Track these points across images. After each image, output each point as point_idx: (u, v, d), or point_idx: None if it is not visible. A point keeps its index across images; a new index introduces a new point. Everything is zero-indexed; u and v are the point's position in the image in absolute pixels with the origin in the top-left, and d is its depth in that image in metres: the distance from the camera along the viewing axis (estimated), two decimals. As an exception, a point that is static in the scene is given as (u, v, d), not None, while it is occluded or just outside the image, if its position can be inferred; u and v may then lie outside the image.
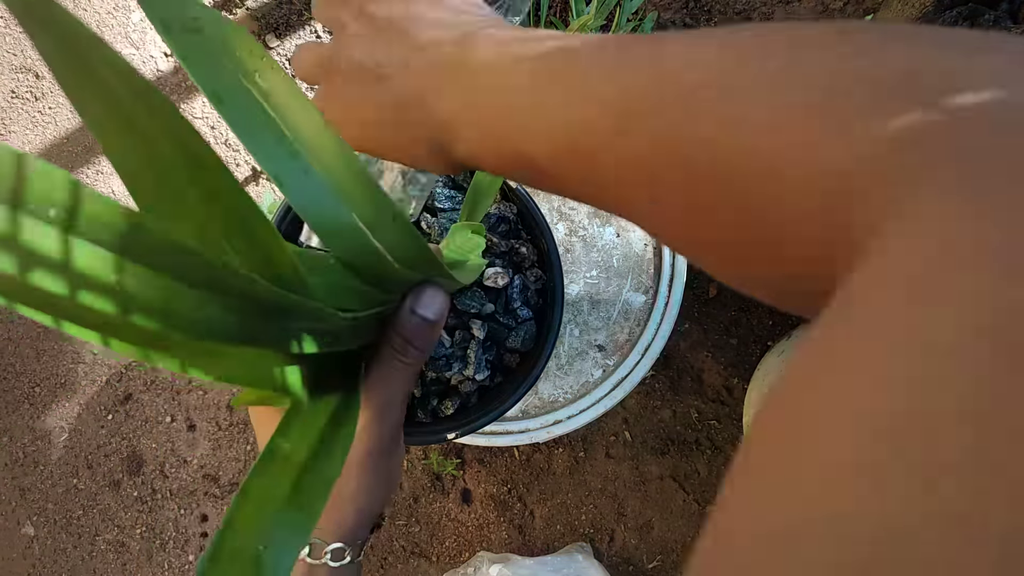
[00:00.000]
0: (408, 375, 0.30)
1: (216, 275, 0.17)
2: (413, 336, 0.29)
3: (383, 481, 0.32)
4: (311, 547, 0.31)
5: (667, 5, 1.16)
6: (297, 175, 0.22)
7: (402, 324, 0.29)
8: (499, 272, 0.57)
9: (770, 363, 1.04)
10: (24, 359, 1.23)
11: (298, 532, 0.22)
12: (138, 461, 1.19)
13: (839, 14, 1.14)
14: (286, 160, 0.21)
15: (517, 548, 1.14)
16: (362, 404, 0.29)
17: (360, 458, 0.30)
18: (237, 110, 0.21)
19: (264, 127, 0.21)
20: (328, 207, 0.22)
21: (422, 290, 0.30)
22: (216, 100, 0.20)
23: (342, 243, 0.23)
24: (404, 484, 1.16)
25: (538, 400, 0.72)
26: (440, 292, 0.30)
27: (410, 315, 0.29)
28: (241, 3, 1.20)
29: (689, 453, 1.14)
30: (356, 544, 0.32)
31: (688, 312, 1.15)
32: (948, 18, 0.55)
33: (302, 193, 0.22)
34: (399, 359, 0.29)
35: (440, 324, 0.30)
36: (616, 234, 0.74)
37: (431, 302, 0.29)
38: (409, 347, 0.29)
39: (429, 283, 0.30)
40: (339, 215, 0.23)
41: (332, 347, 0.24)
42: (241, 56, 0.21)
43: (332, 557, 0.31)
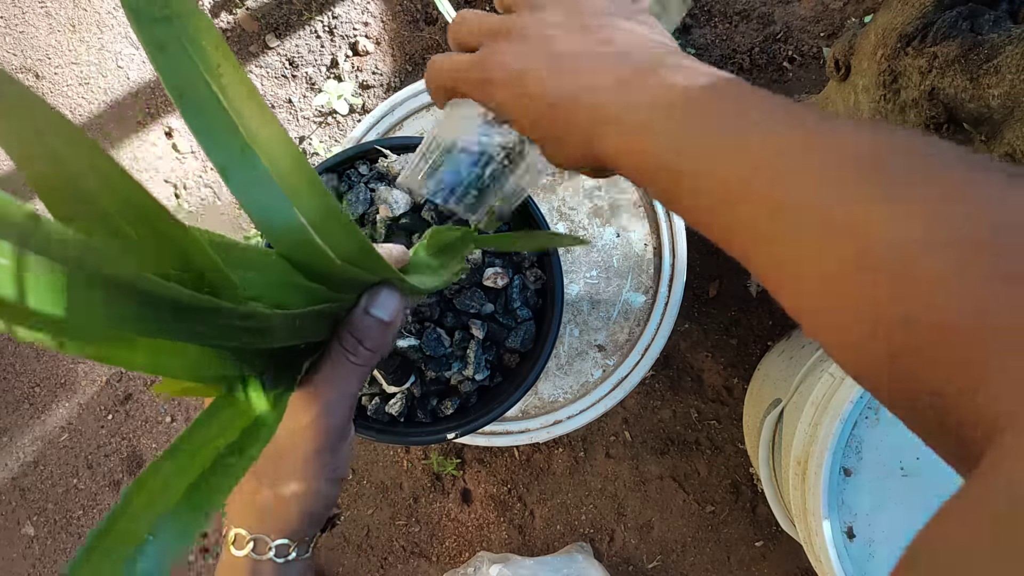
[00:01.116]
0: (358, 374, 0.30)
1: (121, 273, 0.17)
2: (364, 336, 0.29)
3: (330, 479, 0.31)
4: (255, 543, 0.31)
5: (667, 5, 1.16)
6: (245, 169, 0.22)
7: (354, 323, 0.29)
8: (499, 272, 0.57)
9: (770, 363, 1.04)
10: (24, 359, 1.23)
11: (184, 534, 0.21)
12: (138, 461, 1.19)
13: (839, 14, 1.14)
14: (235, 153, 0.22)
15: (517, 548, 1.14)
16: (309, 401, 0.29)
17: (306, 455, 0.30)
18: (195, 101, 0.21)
19: (218, 119, 0.21)
20: (272, 203, 0.23)
21: (377, 290, 0.30)
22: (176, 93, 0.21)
23: (284, 239, 0.24)
24: (404, 484, 1.16)
25: (538, 400, 0.72)
26: (395, 293, 0.30)
27: (363, 315, 0.29)
28: (241, 3, 1.20)
29: (689, 453, 1.14)
30: (303, 541, 0.32)
31: (688, 312, 1.15)
32: (948, 18, 0.54)
33: (247, 187, 0.22)
34: (349, 358, 0.29)
35: (394, 325, 0.30)
36: (616, 234, 0.74)
37: (385, 303, 0.30)
38: (360, 346, 0.29)
39: (386, 284, 0.30)
40: (282, 211, 0.23)
41: (261, 344, 0.24)
42: (207, 49, 0.21)
43: (276, 553, 0.31)
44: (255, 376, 0.27)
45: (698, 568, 1.13)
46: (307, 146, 1.21)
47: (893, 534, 0.64)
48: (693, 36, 1.17)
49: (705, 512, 1.13)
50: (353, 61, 1.20)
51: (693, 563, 1.13)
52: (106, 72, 1.23)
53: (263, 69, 1.21)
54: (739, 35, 1.16)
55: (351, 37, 1.20)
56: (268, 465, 0.31)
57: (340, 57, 1.20)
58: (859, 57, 0.65)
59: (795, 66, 1.16)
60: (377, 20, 1.20)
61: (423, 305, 0.57)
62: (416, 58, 1.20)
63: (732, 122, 0.24)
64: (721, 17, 1.17)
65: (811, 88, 1.15)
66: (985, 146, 0.54)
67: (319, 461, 0.30)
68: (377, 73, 1.20)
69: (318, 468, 0.31)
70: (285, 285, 0.25)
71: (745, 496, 1.13)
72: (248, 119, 0.22)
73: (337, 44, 1.20)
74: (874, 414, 0.65)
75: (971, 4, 0.55)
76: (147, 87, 1.23)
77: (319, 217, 0.24)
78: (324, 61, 1.21)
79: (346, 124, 1.21)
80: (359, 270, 0.27)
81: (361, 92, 1.20)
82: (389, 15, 1.20)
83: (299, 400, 0.30)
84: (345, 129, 1.21)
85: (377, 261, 0.28)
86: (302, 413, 0.30)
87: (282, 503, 0.31)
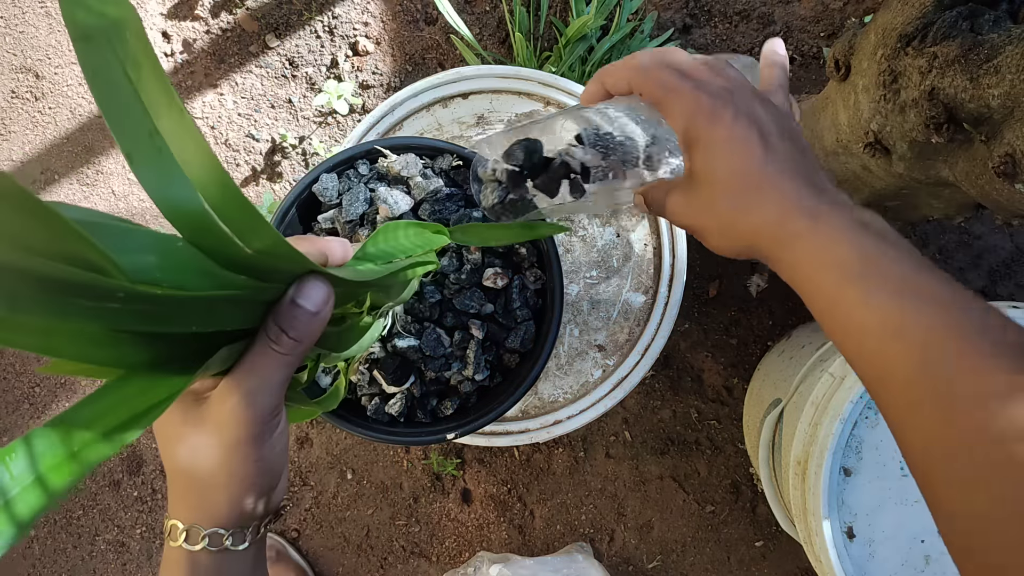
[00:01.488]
0: (281, 363, 0.30)
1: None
2: (288, 324, 0.29)
3: (259, 470, 0.31)
4: (187, 533, 0.31)
5: (667, 5, 1.16)
6: (151, 154, 0.22)
7: (279, 312, 0.29)
8: (499, 272, 0.57)
9: (770, 363, 1.04)
10: (24, 359, 1.23)
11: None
12: (138, 461, 1.19)
13: (839, 14, 1.14)
14: (143, 139, 0.22)
15: (517, 548, 1.14)
16: (230, 390, 0.29)
17: (228, 444, 0.30)
18: (109, 87, 0.22)
19: (128, 105, 0.22)
20: (177, 190, 0.23)
21: (304, 280, 0.30)
22: (90, 73, 0.21)
23: (189, 225, 0.24)
24: (404, 484, 1.16)
25: (538, 400, 0.72)
26: (323, 284, 0.30)
27: (289, 304, 0.29)
28: (241, 3, 1.20)
29: (689, 453, 1.14)
30: (239, 530, 0.32)
31: (688, 312, 1.15)
32: (948, 18, 0.54)
33: (152, 171, 0.23)
34: (272, 346, 0.29)
35: (321, 316, 0.30)
36: (616, 234, 0.74)
37: (310, 292, 0.30)
38: (283, 335, 0.29)
39: (314, 274, 0.30)
40: (187, 198, 0.23)
41: (166, 327, 0.24)
42: (129, 40, 0.22)
43: (210, 543, 0.31)
44: (166, 362, 0.26)
45: (698, 568, 1.13)
46: (307, 146, 1.21)
47: (893, 534, 0.64)
48: (693, 36, 1.17)
49: (705, 512, 1.13)
50: (353, 61, 1.20)
51: (693, 563, 1.13)
52: (106, 72, 1.23)
53: (263, 69, 1.21)
54: (739, 35, 1.16)
55: (351, 37, 1.20)
56: (197, 456, 0.31)
57: (340, 57, 1.20)
58: (859, 57, 0.64)
59: (795, 66, 1.16)
60: (377, 20, 1.20)
61: (423, 305, 0.57)
62: (416, 58, 1.20)
63: (906, 290, 0.29)
64: (721, 17, 1.16)
65: (811, 88, 1.15)
66: (985, 146, 0.54)
67: (242, 451, 0.30)
68: (377, 73, 1.20)
69: (242, 457, 0.30)
70: (193, 271, 0.25)
71: (745, 496, 1.13)
72: (159, 107, 0.22)
73: (337, 44, 1.20)
74: (874, 414, 0.65)
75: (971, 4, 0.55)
76: (147, 87, 1.23)
77: (224, 206, 0.24)
78: (324, 61, 1.21)
79: (346, 124, 1.21)
80: (277, 260, 0.27)
81: (361, 92, 1.20)
82: (389, 15, 1.20)
83: (222, 388, 0.30)
84: (345, 129, 1.21)
85: (291, 253, 0.28)
86: (223, 401, 0.30)
87: (210, 492, 0.31)
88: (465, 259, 0.58)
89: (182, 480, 0.31)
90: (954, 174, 0.60)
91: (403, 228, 0.42)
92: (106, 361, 0.24)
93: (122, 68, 0.22)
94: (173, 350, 0.27)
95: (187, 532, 0.31)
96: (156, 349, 0.26)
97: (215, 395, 0.30)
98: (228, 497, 0.31)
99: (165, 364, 0.26)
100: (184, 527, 0.31)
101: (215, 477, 0.31)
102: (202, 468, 0.30)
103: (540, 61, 1.11)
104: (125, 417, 0.24)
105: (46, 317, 0.20)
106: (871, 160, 0.68)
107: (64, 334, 0.22)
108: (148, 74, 0.22)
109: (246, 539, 0.32)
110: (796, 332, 1.08)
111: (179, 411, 0.31)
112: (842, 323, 0.30)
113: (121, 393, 0.25)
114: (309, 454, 1.17)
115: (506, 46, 1.18)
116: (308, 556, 1.16)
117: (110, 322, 0.22)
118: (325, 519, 1.16)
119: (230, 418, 0.30)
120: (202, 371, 0.27)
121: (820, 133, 0.78)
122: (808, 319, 1.13)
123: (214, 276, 0.25)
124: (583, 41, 1.04)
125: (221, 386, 0.30)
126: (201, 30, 1.21)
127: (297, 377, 0.42)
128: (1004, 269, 1.12)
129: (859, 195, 0.80)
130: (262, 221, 0.25)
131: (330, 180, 0.59)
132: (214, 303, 0.26)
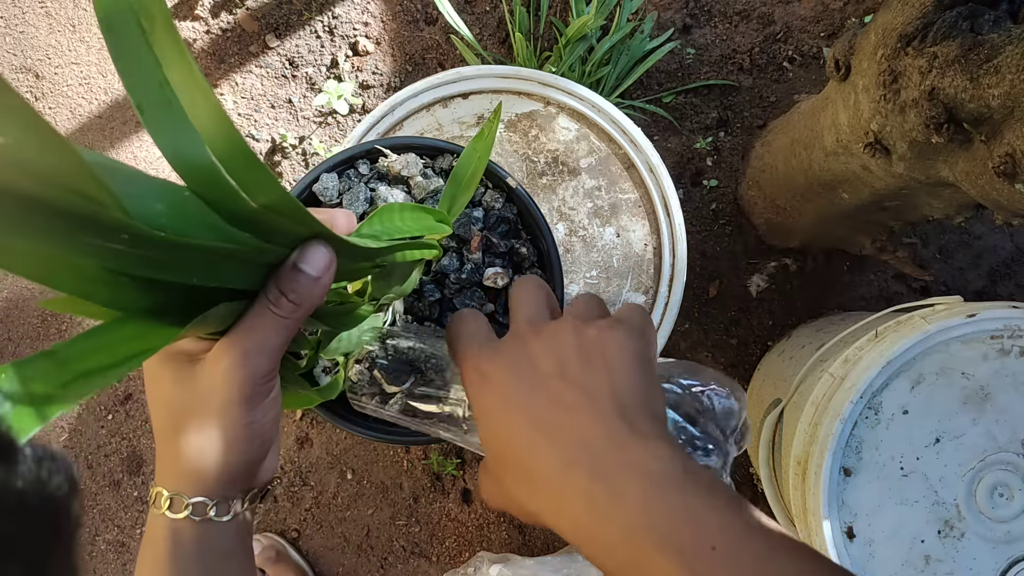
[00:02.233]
0: (280, 326, 0.30)
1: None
2: (288, 288, 0.29)
3: (249, 434, 0.31)
4: (171, 501, 0.31)
5: (667, 5, 1.16)
6: (161, 105, 0.23)
7: (280, 275, 0.29)
8: (499, 272, 0.57)
9: (770, 363, 1.04)
10: (24, 359, 1.23)
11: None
12: (138, 461, 1.19)
13: (839, 14, 1.14)
14: (154, 90, 0.23)
15: (517, 548, 1.14)
16: (226, 349, 0.29)
17: (220, 405, 0.30)
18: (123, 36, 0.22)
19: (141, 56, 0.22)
20: (184, 140, 0.23)
21: (307, 244, 0.30)
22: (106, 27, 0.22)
23: (195, 176, 0.24)
24: (404, 484, 1.16)
25: (538, 400, 0.72)
26: (325, 248, 0.30)
27: (290, 267, 0.29)
28: (241, 3, 1.20)
29: (689, 453, 1.14)
30: (224, 500, 0.31)
31: (688, 312, 1.15)
32: (948, 18, 0.54)
33: (161, 122, 0.23)
34: (271, 308, 0.29)
35: (323, 281, 0.30)
36: (616, 234, 0.74)
37: (312, 257, 0.30)
38: (283, 298, 0.29)
39: (317, 238, 0.30)
40: (194, 148, 0.24)
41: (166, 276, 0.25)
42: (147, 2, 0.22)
43: (193, 511, 0.30)
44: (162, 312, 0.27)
45: (698, 568, 1.13)
46: (307, 146, 1.21)
47: (893, 534, 0.64)
48: (693, 36, 1.17)
49: (705, 512, 1.13)
50: (353, 61, 1.20)
51: (693, 563, 1.13)
52: (106, 72, 1.23)
53: (263, 69, 1.21)
54: (739, 35, 1.16)
55: (351, 37, 1.20)
56: (186, 417, 0.30)
57: (340, 57, 1.20)
58: (859, 57, 0.65)
59: (795, 66, 1.16)
60: (377, 20, 1.20)
61: (422, 304, 0.57)
62: (416, 58, 1.20)
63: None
64: (721, 17, 1.17)
65: (811, 88, 1.15)
66: (985, 146, 0.55)
67: (233, 412, 0.30)
68: (377, 73, 1.20)
69: (232, 419, 0.30)
70: (199, 223, 0.25)
71: (745, 496, 1.13)
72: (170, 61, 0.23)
73: (337, 44, 1.20)
74: (874, 414, 0.65)
75: (971, 4, 0.55)
76: (147, 87, 1.23)
77: (231, 160, 0.24)
78: (324, 61, 1.21)
79: (346, 124, 1.21)
80: (284, 219, 0.28)
81: (361, 92, 1.20)
82: (389, 15, 1.20)
83: (218, 348, 0.30)
84: (345, 129, 1.21)
85: (297, 209, 0.28)
86: (218, 360, 0.29)
87: (197, 456, 0.30)
88: (466, 258, 0.58)
89: (170, 443, 0.31)
90: (954, 174, 0.60)
91: (399, 210, 0.42)
92: (104, 301, 0.24)
93: (136, 19, 0.22)
94: (171, 300, 0.27)
95: (171, 500, 0.31)
96: (154, 297, 0.26)
97: (210, 355, 0.30)
98: (215, 460, 0.30)
99: (162, 314, 0.26)
100: (169, 494, 0.31)
101: (204, 438, 0.30)
102: (191, 428, 0.30)
103: (540, 61, 1.11)
104: (119, 357, 0.25)
105: (50, 247, 0.21)
106: (871, 160, 0.68)
107: (67, 268, 0.22)
108: (160, 27, 0.22)
109: (230, 510, 0.32)
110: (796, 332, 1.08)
111: (170, 371, 0.31)
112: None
113: (117, 334, 0.25)
114: (309, 454, 1.17)
115: (506, 46, 1.18)
116: (308, 556, 1.16)
117: (112, 262, 0.23)
118: (325, 519, 1.16)
119: (224, 378, 0.29)
120: (198, 322, 0.27)
121: (820, 133, 0.78)
122: (808, 319, 1.13)
123: (218, 229, 0.25)
124: (583, 41, 1.04)
125: (217, 346, 0.30)
126: (201, 30, 1.21)
127: (296, 362, 0.42)
128: (1004, 269, 1.12)
129: (859, 195, 0.80)
130: (268, 175, 0.25)
131: (330, 180, 0.59)
132: (216, 256, 0.26)
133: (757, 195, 1.06)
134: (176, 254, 0.24)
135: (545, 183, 0.74)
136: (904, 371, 0.64)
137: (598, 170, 0.74)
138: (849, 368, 0.68)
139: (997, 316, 0.63)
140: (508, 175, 0.59)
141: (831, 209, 0.89)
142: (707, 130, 1.16)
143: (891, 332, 0.68)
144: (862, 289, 1.14)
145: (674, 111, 1.16)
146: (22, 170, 0.18)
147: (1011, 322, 0.63)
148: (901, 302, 0.81)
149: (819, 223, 0.96)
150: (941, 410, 0.64)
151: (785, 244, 1.12)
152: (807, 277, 1.14)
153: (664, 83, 1.17)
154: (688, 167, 1.16)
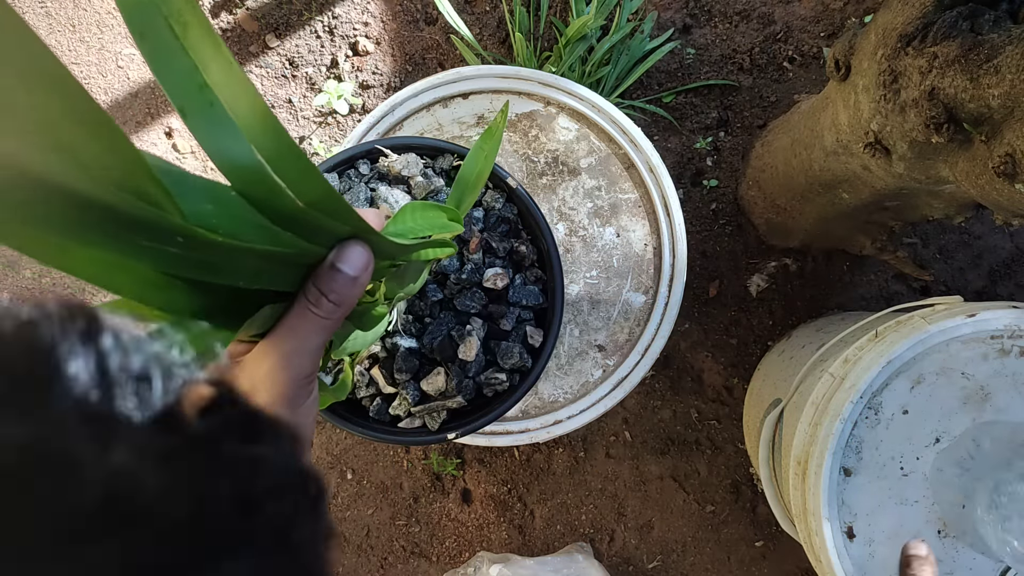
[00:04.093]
0: (319, 327, 0.30)
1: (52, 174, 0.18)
2: (328, 288, 0.29)
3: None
4: None
5: (667, 5, 1.16)
6: (203, 107, 0.23)
7: (319, 275, 0.29)
8: (499, 274, 0.57)
9: (770, 363, 1.04)
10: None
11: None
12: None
13: (839, 14, 1.15)
14: (194, 93, 0.23)
15: (517, 548, 1.14)
16: (267, 351, 0.29)
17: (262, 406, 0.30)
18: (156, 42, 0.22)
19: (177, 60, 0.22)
20: (228, 140, 0.23)
21: (345, 244, 0.30)
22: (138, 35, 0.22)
23: (241, 176, 0.24)
24: (404, 484, 1.16)
25: (538, 400, 0.72)
26: (363, 248, 0.30)
27: (329, 267, 0.29)
28: (241, 3, 1.20)
29: (689, 453, 1.14)
30: None
31: (688, 312, 1.15)
32: (948, 18, 0.54)
33: (204, 124, 0.23)
34: (311, 309, 0.29)
35: (360, 281, 0.30)
36: (616, 234, 0.74)
37: (350, 256, 0.30)
38: (323, 299, 0.29)
39: (355, 238, 0.30)
40: (239, 148, 0.23)
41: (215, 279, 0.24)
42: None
43: None
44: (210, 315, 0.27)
45: (698, 568, 1.13)
46: (307, 146, 1.21)
47: (893, 534, 0.64)
48: (693, 36, 1.17)
49: (705, 512, 1.13)
50: (353, 61, 1.20)
51: (693, 563, 1.13)
52: (106, 72, 1.23)
53: (263, 69, 1.21)
54: (739, 35, 1.16)
55: (351, 37, 1.20)
56: None
57: (340, 57, 1.20)
58: (859, 57, 0.65)
59: (795, 66, 1.16)
60: (377, 20, 1.20)
61: (423, 303, 0.57)
62: (416, 58, 1.20)
63: None
64: (721, 17, 1.17)
65: (811, 88, 1.15)
66: (985, 146, 0.55)
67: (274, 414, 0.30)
68: (377, 73, 1.20)
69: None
70: (246, 223, 0.25)
71: (745, 496, 1.13)
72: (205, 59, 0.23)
73: (337, 44, 1.20)
74: (874, 414, 0.65)
75: (971, 4, 0.55)
76: (147, 87, 1.23)
77: (278, 157, 0.24)
78: (324, 61, 1.21)
79: (346, 124, 1.21)
80: (325, 217, 0.28)
81: (361, 92, 1.20)
82: (389, 15, 1.20)
83: (259, 350, 0.30)
84: (345, 129, 1.21)
85: (341, 205, 0.28)
86: (260, 362, 0.29)
87: None
88: (466, 259, 0.58)
89: None
90: (954, 174, 0.60)
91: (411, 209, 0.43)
92: (160, 304, 0.25)
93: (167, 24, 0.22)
94: (217, 303, 0.27)
95: None
96: (204, 300, 0.26)
97: (251, 357, 0.30)
98: None
99: (210, 317, 0.27)
100: None
101: None
102: None
103: (540, 61, 1.11)
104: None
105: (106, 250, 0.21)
106: (871, 160, 0.68)
107: (124, 271, 0.23)
108: (194, 29, 0.22)
109: None
110: (796, 332, 1.08)
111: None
112: None
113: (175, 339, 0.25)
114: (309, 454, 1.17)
115: (506, 46, 1.18)
116: (308, 556, 1.16)
117: (166, 265, 0.23)
118: (325, 519, 1.16)
119: (267, 379, 0.29)
120: (245, 327, 0.27)
121: (820, 133, 0.78)
122: (808, 319, 1.13)
123: (265, 230, 0.26)
124: (583, 41, 1.04)
125: (258, 348, 0.30)
126: (201, 30, 1.21)
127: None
128: (1004, 269, 1.12)
129: (859, 195, 0.80)
130: (314, 170, 0.25)
131: (331, 180, 0.59)
132: (264, 258, 0.26)
133: (757, 195, 1.06)
134: (227, 256, 0.24)
135: (545, 183, 0.74)
136: (904, 371, 0.64)
137: (598, 170, 0.74)
138: (849, 368, 0.68)
139: (997, 316, 0.63)
140: (509, 175, 0.59)
141: (831, 209, 0.89)
142: (707, 130, 1.16)
143: (891, 332, 0.68)
144: (862, 289, 1.14)
145: (674, 111, 1.16)
146: (84, 172, 0.18)
147: (1011, 322, 0.63)
148: (901, 302, 0.81)
149: (819, 223, 0.96)
150: (941, 410, 0.64)
151: (785, 244, 1.12)
152: (807, 277, 1.14)
153: (664, 83, 1.17)
154: (688, 167, 1.16)
